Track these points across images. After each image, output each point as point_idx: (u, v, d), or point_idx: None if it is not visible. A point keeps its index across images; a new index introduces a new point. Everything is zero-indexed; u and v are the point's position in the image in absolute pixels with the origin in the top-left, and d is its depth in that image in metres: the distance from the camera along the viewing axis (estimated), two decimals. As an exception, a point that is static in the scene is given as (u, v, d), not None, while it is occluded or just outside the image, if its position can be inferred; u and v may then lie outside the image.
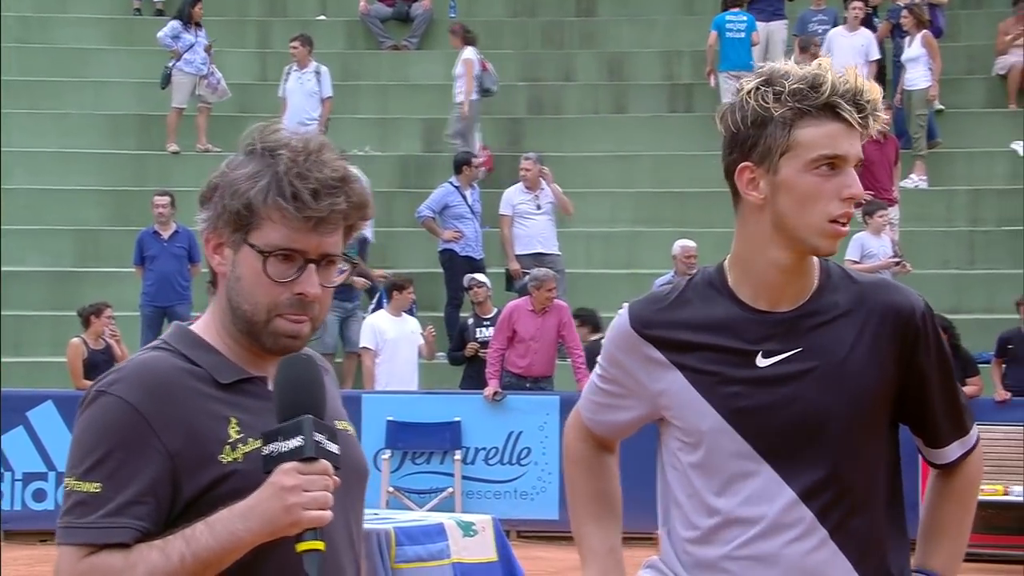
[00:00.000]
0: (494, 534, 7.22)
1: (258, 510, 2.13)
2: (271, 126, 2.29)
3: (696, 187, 15.80)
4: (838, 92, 2.47)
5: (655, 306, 2.61)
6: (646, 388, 2.61)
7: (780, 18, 16.73)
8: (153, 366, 2.25)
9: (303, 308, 2.24)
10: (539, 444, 12.05)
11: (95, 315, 12.52)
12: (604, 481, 2.77)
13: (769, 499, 2.50)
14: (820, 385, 2.50)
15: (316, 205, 2.21)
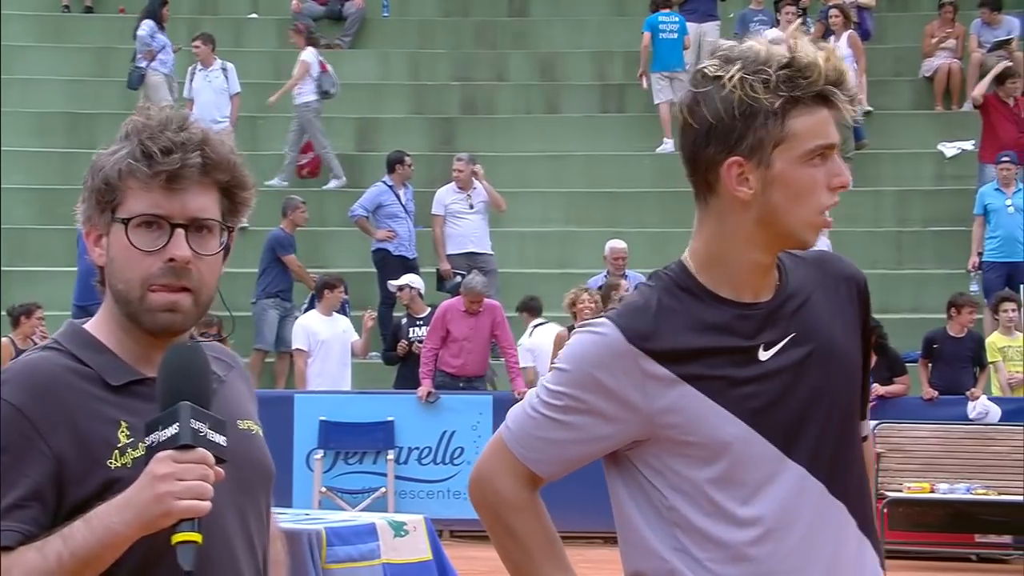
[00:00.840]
0: (426, 534, 7.21)
1: (132, 501, 2.06)
2: (143, 109, 2.26)
3: (628, 187, 15.88)
4: (830, 79, 2.33)
5: (643, 317, 2.39)
6: (638, 410, 2.38)
7: (713, 19, 16.84)
8: (40, 367, 2.19)
9: (176, 276, 2.17)
10: (472, 444, 12.05)
11: (25, 316, 12.41)
12: (549, 521, 2.56)
13: (800, 499, 2.38)
14: (820, 366, 2.41)
15: (165, 159, 2.16)
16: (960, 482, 11.22)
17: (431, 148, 16.47)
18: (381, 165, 14.81)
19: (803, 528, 2.38)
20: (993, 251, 13.88)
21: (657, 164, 16.15)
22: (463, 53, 17.99)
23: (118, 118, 11.01)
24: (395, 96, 17.46)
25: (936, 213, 15.52)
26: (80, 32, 18.40)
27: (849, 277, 2.51)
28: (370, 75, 17.73)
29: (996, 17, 16.57)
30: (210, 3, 18.88)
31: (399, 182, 14.36)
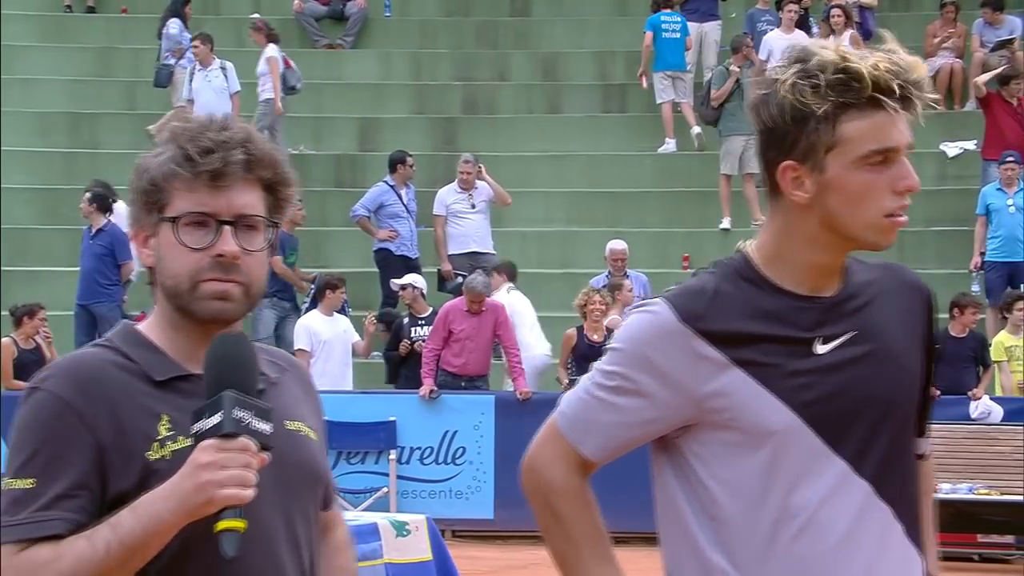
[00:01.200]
0: (428, 534, 7.21)
1: (176, 489, 2.09)
2: (178, 113, 2.30)
3: (630, 187, 15.87)
4: (880, 83, 2.32)
5: (700, 299, 2.38)
6: (693, 391, 2.36)
7: (714, 19, 16.84)
8: (85, 361, 2.24)
9: (225, 271, 2.21)
10: (474, 443, 12.05)
11: (28, 316, 12.41)
12: (597, 512, 2.54)
13: (845, 495, 2.36)
14: (880, 367, 2.38)
15: (207, 159, 2.20)
16: (962, 482, 11.21)
17: (433, 148, 16.47)
18: (383, 165, 14.80)
19: (844, 526, 2.35)
20: (995, 251, 13.87)
21: (658, 164, 16.15)
22: (465, 53, 17.98)
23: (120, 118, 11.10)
24: (397, 96, 17.46)
25: (938, 213, 15.50)
26: (82, 32, 18.40)
27: (916, 288, 2.49)
28: (372, 75, 17.73)
29: (998, 17, 16.56)
30: (212, 3, 18.87)
31: (401, 182, 14.36)
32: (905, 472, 2.42)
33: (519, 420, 12.01)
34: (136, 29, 18.26)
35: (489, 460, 12.01)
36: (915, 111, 2.36)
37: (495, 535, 11.84)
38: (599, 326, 11.99)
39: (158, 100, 17.10)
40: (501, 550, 11.46)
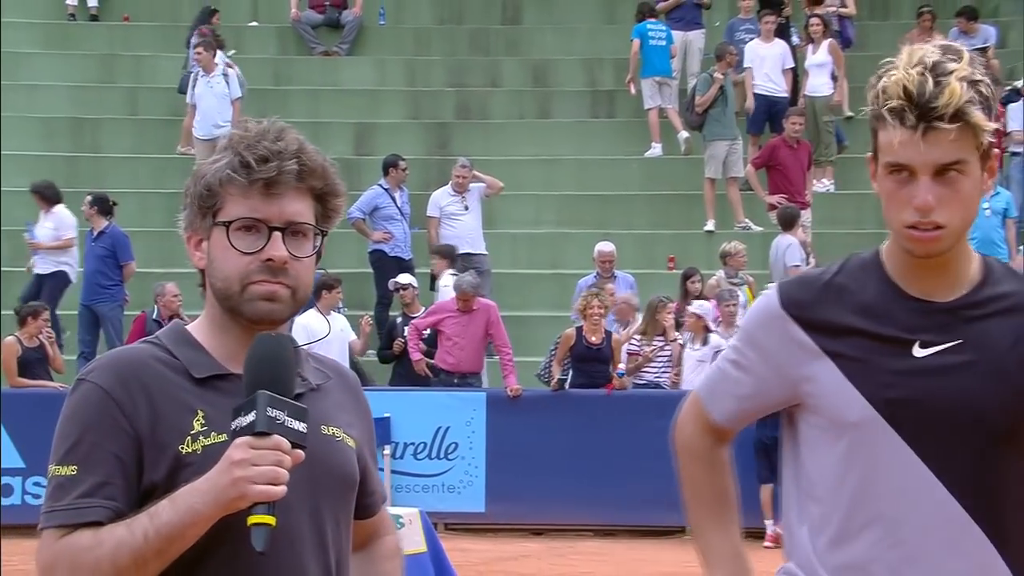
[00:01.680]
0: (422, 526, 7.21)
1: (212, 483, 2.12)
2: (244, 122, 2.33)
3: (618, 190, 15.89)
4: (894, 102, 2.32)
5: (807, 288, 2.44)
6: (788, 373, 2.42)
7: (698, 27, 16.87)
8: (129, 356, 2.28)
9: (273, 274, 2.24)
10: (466, 439, 12.05)
11: (33, 316, 12.38)
12: (724, 478, 2.58)
13: (919, 496, 2.33)
14: (980, 380, 2.32)
15: (262, 167, 2.23)
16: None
17: (427, 152, 16.47)
18: (378, 169, 14.80)
19: (917, 525, 2.33)
20: (971, 252, 13.90)
21: (645, 168, 16.16)
22: (457, 60, 17.99)
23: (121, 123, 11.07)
24: (391, 101, 17.46)
25: (916, 215, 15.54)
26: (85, 40, 18.37)
27: None
28: (367, 81, 17.73)
29: (972, 26, 16.60)
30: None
31: (394, 185, 14.37)
32: (999, 491, 2.34)
33: (510, 417, 12.05)
34: (137, 37, 18.25)
35: (481, 455, 12.02)
36: (939, 133, 2.30)
37: (486, 528, 11.85)
38: (598, 328, 12.01)
39: (159, 106, 17.11)
40: (492, 542, 11.47)
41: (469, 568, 9.59)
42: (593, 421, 11.90)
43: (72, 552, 2.16)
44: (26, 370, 12.25)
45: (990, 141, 2.36)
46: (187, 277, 14.57)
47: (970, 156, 2.34)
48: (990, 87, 2.35)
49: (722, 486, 2.58)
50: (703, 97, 14.98)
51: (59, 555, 2.17)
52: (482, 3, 18.98)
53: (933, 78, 2.29)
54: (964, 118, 2.29)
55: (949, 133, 2.29)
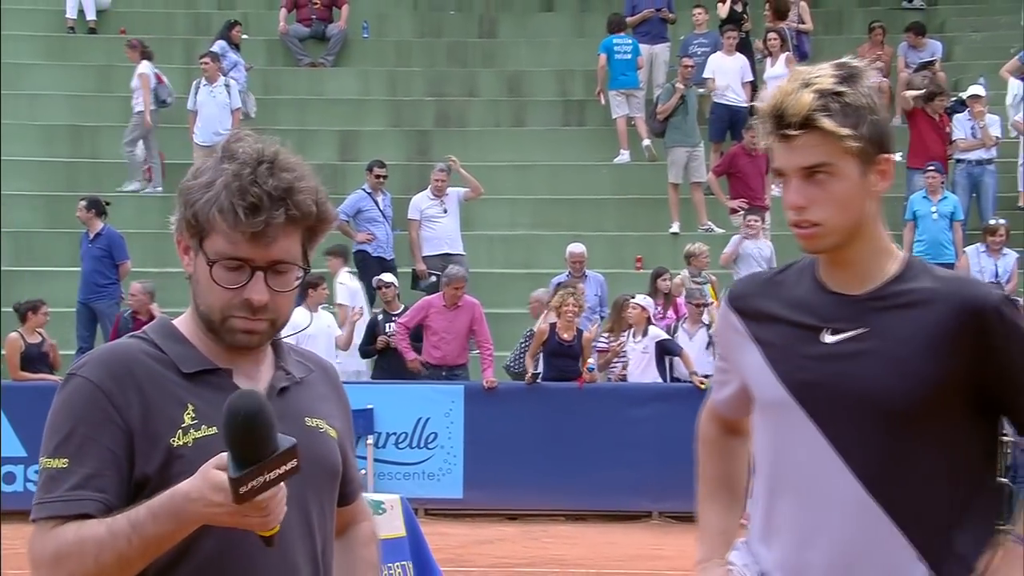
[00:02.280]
0: (402, 512, 7.19)
1: (208, 510, 2.03)
2: (238, 134, 2.21)
3: (588, 194, 15.90)
4: (761, 114, 2.43)
5: (751, 283, 2.58)
6: (736, 359, 2.54)
7: (663, 41, 16.89)
8: (119, 351, 2.22)
9: (254, 312, 2.17)
10: (445, 429, 12.04)
11: (32, 311, 12.30)
12: (728, 464, 2.66)
13: (822, 471, 2.38)
14: (878, 365, 2.37)
15: (252, 220, 2.12)
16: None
17: (407, 158, 16.45)
18: (361, 174, 14.77)
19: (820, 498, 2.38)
20: (919, 253, 13.96)
21: (615, 174, 16.17)
22: (437, 71, 17.96)
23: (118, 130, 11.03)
24: (374, 110, 17.42)
25: (868, 218, 15.59)
26: (83, 51, 18.28)
27: (965, 303, 2.38)
28: (351, 91, 17.69)
29: (921, 40, 16.68)
30: (204, 24, 18.78)
31: (373, 187, 14.37)
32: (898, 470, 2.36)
33: (486, 408, 12.04)
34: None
35: (459, 445, 12.00)
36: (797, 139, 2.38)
37: (464, 513, 11.83)
38: (571, 326, 12.01)
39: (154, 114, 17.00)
40: (469, 527, 11.45)
41: (448, 551, 9.57)
42: (565, 413, 11.90)
43: (58, 545, 2.10)
44: (28, 365, 12.17)
45: (865, 144, 2.38)
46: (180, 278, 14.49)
47: (838, 159, 2.38)
48: (865, 98, 2.40)
49: (726, 471, 2.66)
50: (663, 106, 15.07)
51: (47, 547, 2.11)
52: (460, 18, 18.97)
53: (794, 92, 2.38)
54: (812, 124, 2.35)
55: (801, 139, 2.36)
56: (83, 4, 18.42)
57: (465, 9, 19.08)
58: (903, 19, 17.82)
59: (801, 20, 16.85)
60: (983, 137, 14.66)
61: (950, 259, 13.82)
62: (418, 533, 7.29)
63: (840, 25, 18.63)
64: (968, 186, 14.72)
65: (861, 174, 2.40)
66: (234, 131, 2.26)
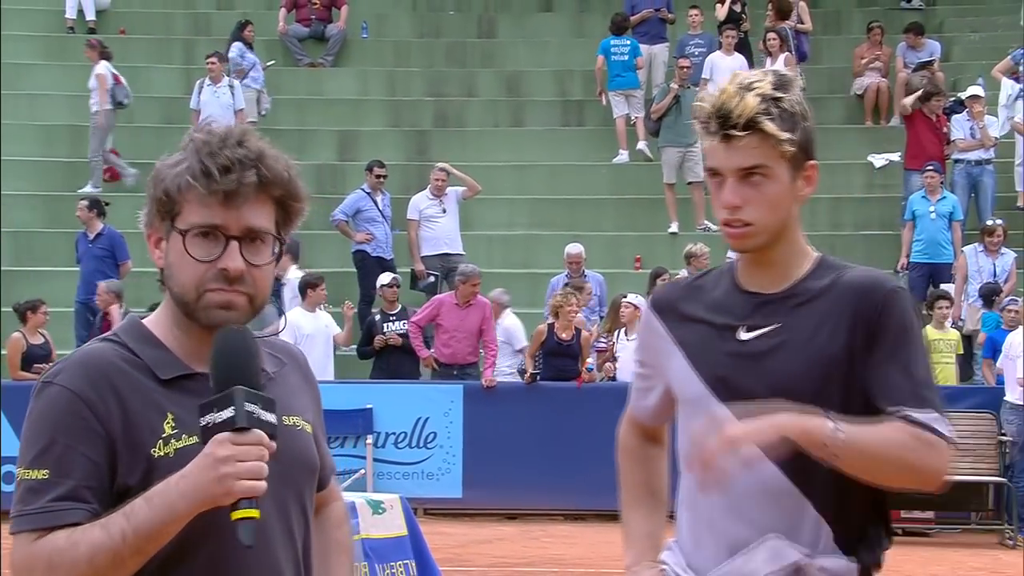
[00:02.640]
0: (402, 511, 7.20)
1: (192, 480, 2.02)
2: (206, 123, 2.19)
3: (586, 194, 15.91)
4: (703, 115, 2.51)
5: (673, 288, 2.68)
6: (660, 362, 2.63)
7: (662, 41, 16.90)
8: (96, 356, 2.15)
9: (229, 283, 2.12)
10: (444, 429, 12.04)
11: (31, 311, 12.29)
12: (649, 470, 2.75)
13: None
14: (789, 358, 2.48)
15: (223, 178, 2.09)
16: (888, 463, 11.27)
17: (406, 158, 16.45)
18: (361, 174, 14.78)
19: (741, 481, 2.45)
20: (918, 253, 13.98)
21: (613, 174, 16.18)
22: (436, 71, 17.97)
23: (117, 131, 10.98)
24: (373, 111, 17.43)
25: (866, 219, 15.62)
26: (83, 51, 18.26)
27: (862, 292, 2.49)
28: (350, 91, 17.69)
29: (919, 41, 16.68)
30: (203, 24, 18.78)
31: (372, 188, 14.37)
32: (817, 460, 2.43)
33: (486, 408, 12.05)
34: (132, 49, 18.14)
35: (458, 444, 12.01)
36: (737, 140, 2.46)
37: (463, 512, 11.84)
38: (570, 326, 12.02)
39: (153, 114, 17.03)
40: (468, 526, 11.46)
41: (447, 551, 9.58)
42: (564, 412, 11.91)
43: (47, 554, 2.05)
44: (30, 365, 12.16)
45: (796, 151, 2.48)
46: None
47: (773, 163, 2.48)
48: (798, 105, 2.49)
49: (647, 477, 2.76)
50: (657, 105, 15.10)
51: (35, 557, 2.05)
52: (459, 18, 18.98)
53: (737, 95, 2.46)
54: (756, 126, 2.45)
55: (743, 140, 2.45)
56: (82, 4, 18.43)
57: (464, 9, 19.09)
58: (901, 19, 17.83)
59: (800, 20, 16.86)
60: (982, 137, 14.66)
61: (948, 259, 13.84)
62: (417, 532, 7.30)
63: (839, 25, 18.64)
64: (967, 186, 14.73)
65: (791, 178, 2.51)
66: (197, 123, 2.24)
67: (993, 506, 11.42)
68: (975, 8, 18.58)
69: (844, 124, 16.96)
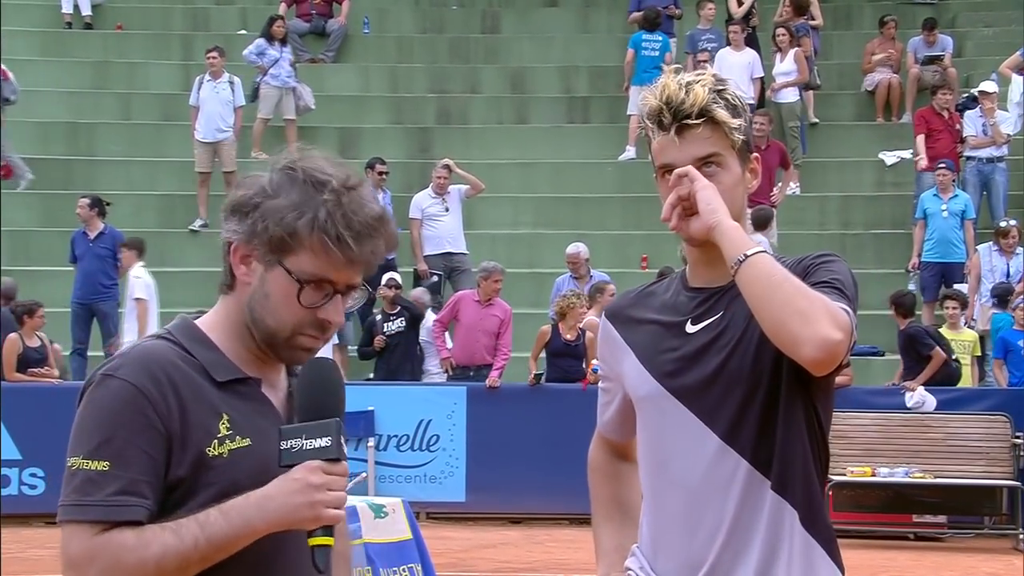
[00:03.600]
0: (405, 515, 7.19)
1: (279, 503, 2.11)
2: (308, 153, 2.25)
3: (592, 192, 15.89)
4: (653, 110, 2.58)
5: (626, 296, 2.78)
6: (617, 369, 2.72)
7: (669, 36, 16.87)
8: (156, 353, 2.21)
9: (323, 331, 2.24)
10: (447, 432, 12.04)
11: (28, 315, 12.27)
12: (618, 486, 2.84)
13: (697, 446, 2.57)
14: (730, 346, 2.57)
15: (359, 249, 2.19)
16: (899, 466, 11.28)
17: (409, 156, 16.45)
18: (362, 172, 14.76)
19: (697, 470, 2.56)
20: (929, 252, 13.96)
21: (619, 171, 16.17)
22: (439, 67, 17.96)
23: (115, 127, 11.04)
24: (375, 107, 17.42)
25: (876, 217, 15.59)
26: (80, 47, 18.28)
27: (796, 261, 2.60)
28: (352, 88, 17.68)
29: (933, 36, 16.66)
30: (202, 19, 18.79)
31: (376, 186, 14.35)
32: (771, 439, 2.55)
33: (489, 410, 12.04)
34: (130, 45, 18.17)
35: (461, 447, 12.00)
36: (691, 131, 2.54)
37: (466, 517, 11.84)
38: (574, 327, 12.02)
39: (151, 110, 17.04)
40: (472, 531, 11.45)
41: (450, 555, 9.58)
42: (569, 414, 11.88)
43: (114, 550, 2.10)
44: (26, 368, 12.16)
45: (743, 141, 2.58)
46: (178, 276, 14.53)
47: (725, 152, 2.57)
48: (736, 97, 2.59)
49: (616, 493, 2.84)
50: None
51: (97, 551, 2.11)
52: (462, 13, 18.97)
53: (683, 88, 2.56)
54: (709, 114, 2.53)
55: (698, 128, 2.54)
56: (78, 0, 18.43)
57: (467, 4, 19.08)
58: (913, 14, 17.81)
59: (811, 16, 16.84)
60: (993, 134, 14.64)
61: (961, 257, 13.81)
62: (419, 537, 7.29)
63: (849, 20, 18.62)
64: (978, 184, 14.71)
65: (742, 169, 2.60)
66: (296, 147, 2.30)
67: (1007, 510, 11.40)
68: (988, 3, 18.55)
69: (855, 121, 16.94)
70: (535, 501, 11.80)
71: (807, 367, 2.43)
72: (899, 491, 11.31)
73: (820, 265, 2.56)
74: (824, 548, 2.58)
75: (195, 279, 13.67)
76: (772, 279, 2.44)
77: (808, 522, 2.57)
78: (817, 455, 2.59)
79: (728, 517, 2.55)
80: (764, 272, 2.44)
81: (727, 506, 2.55)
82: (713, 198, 2.50)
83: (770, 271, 2.45)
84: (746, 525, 2.55)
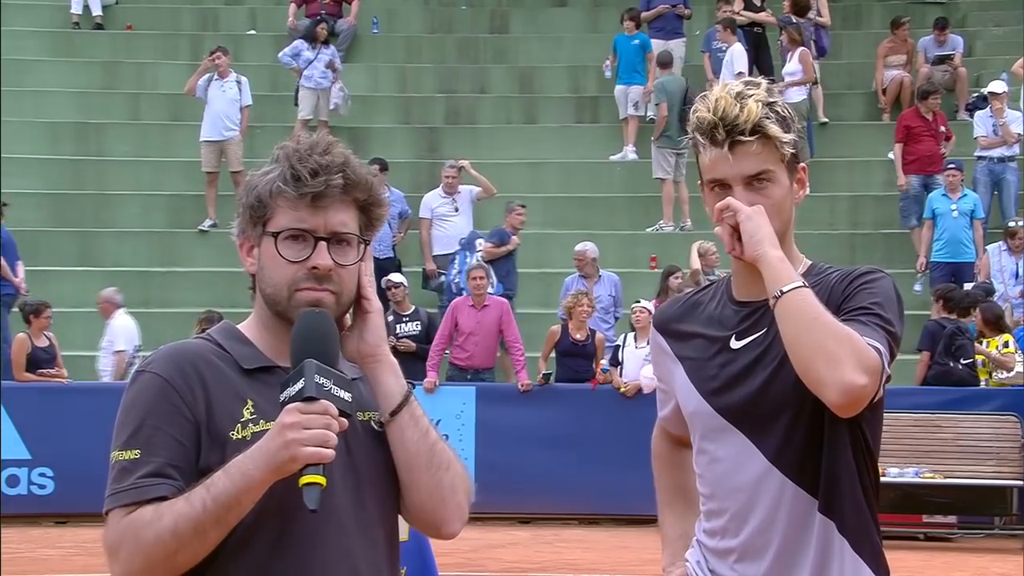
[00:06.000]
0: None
1: (262, 447, 2.17)
2: (296, 135, 2.38)
3: (600, 192, 15.89)
4: (705, 125, 2.57)
5: (673, 305, 2.81)
6: (665, 375, 2.79)
7: (679, 36, 16.88)
8: (187, 348, 2.34)
9: (319, 281, 2.29)
10: (456, 431, 12.03)
11: (35, 315, 12.30)
12: (680, 474, 2.88)
13: (746, 464, 2.59)
14: (773, 363, 2.57)
15: (312, 181, 2.27)
16: (909, 466, 11.26)
17: (417, 156, 16.46)
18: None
19: (748, 488, 2.58)
20: (939, 252, 13.94)
21: (628, 171, 16.16)
22: (447, 67, 17.97)
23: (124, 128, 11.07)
24: (384, 107, 17.44)
25: (886, 216, 15.57)
26: (89, 47, 18.32)
27: (826, 288, 2.59)
28: (361, 87, 17.69)
29: (944, 35, 16.64)
30: (211, 20, 18.82)
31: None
32: (817, 460, 2.55)
33: (498, 409, 12.04)
34: (139, 45, 18.20)
35: (470, 447, 12.00)
36: (744, 146, 2.53)
37: (475, 516, 11.74)
38: (583, 326, 12.01)
39: (160, 111, 17.07)
40: (480, 530, 11.45)
41: (458, 555, 9.58)
42: (578, 414, 11.90)
43: (135, 528, 2.19)
44: (34, 368, 12.18)
45: (792, 154, 2.59)
46: (187, 276, 14.56)
47: (775, 167, 2.58)
48: (786, 109, 2.60)
49: (679, 480, 2.88)
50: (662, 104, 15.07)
51: (124, 532, 2.20)
52: (471, 13, 18.98)
53: (737, 102, 2.55)
54: (762, 130, 2.54)
55: (752, 145, 2.53)
56: (88, 0, 18.47)
57: (476, 4, 19.09)
58: (923, 13, 17.79)
59: (819, 14, 16.83)
60: (1003, 134, 14.61)
61: (970, 257, 13.79)
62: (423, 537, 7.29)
63: (859, 20, 18.59)
64: (989, 183, 14.68)
65: (790, 181, 2.61)
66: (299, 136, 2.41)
67: (1017, 510, 11.38)
68: (998, 2, 18.52)
69: (864, 121, 16.92)
70: (544, 501, 11.80)
71: (832, 410, 2.44)
72: (909, 491, 11.29)
73: (862, 287, 2.56)
74: (872, 569, 2.59)
75: (204, 279, 13.69)
76: (803, 319, 2.44)
77: (857, 543, 2.57)
78: (866, 475, 2.59)
79: (777, 538, 2.56)
80: (797, 311, 2.46)
81: (776, 527, 2.56)
82: (757, 229, 2.52)
83: (803, 310, 2.45)
84: (795, 547, 2.56)
